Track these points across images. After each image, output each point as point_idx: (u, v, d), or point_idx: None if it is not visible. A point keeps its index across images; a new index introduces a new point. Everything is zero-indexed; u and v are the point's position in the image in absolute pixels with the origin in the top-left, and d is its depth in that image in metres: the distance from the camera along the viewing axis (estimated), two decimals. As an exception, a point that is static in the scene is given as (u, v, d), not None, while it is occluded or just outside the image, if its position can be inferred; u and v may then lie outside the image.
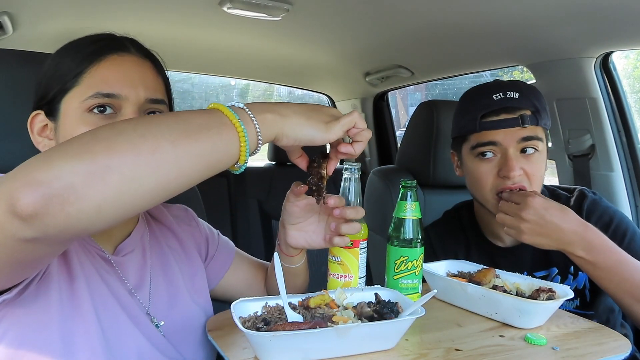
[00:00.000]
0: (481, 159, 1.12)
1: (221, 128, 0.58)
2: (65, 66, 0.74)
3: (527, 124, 1.07)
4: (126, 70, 0.75)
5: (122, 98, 0.74)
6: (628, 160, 1.58)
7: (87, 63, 0.74)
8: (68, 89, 0.73)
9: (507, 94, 1.10)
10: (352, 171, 0.87)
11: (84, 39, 0.78)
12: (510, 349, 0.74)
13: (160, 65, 0.83)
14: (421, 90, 5.54)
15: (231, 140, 0.58)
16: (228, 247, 1.03)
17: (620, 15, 1.23)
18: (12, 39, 1.76)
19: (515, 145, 1.08)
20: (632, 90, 1.96)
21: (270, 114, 0.63)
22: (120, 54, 0.76)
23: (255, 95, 5.86)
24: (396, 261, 0.90)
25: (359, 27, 1.74)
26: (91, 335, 0.69)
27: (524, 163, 1.08)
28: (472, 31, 1.53)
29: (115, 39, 0.79)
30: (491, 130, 1.09)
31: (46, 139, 0.76)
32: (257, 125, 0.61)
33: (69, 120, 0.73)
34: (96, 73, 0.73)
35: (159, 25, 1.83)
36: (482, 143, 1.11)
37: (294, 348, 0.66)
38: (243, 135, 0.58)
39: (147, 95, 0.76)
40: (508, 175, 1.06)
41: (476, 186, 1.14)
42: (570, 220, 0.98)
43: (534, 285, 0.91)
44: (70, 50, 0.76)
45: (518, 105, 1.09)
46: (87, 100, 0.72)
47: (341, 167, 0.87)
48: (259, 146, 0.62)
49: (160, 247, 0.88)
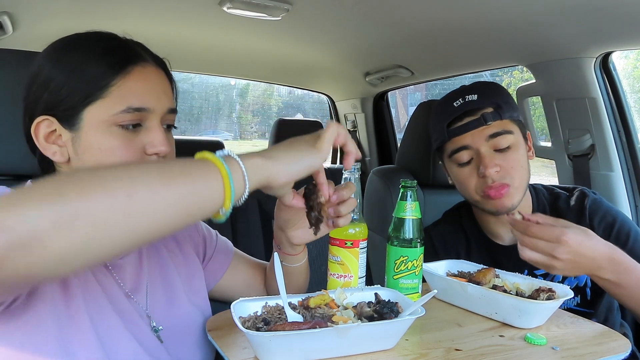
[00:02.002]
0: (460, 164, 1.15)
1: (204, 172, 0.55)
2: (86, 75, 0.71)
3: (489, 122, 1.10)
4: (151, 83, 0.75)
5: (149, 111, 0.74)
6: (628, 160, 1.58)
7: (112, 75, 0.72)
8: (93, 100, 0.71)
9: (466, 98, 1.14)
10: (352, 171, 0.87)
11: (89, 39, 0.76)
12: (510, 349, 0.75)
13: (169, 72, 0.83)
14: (421, 90, 5.55)
15: (214, 184, 0.55)
16: (226, 248, 1.03)
17: (620, 15, 1.23)
18: (12, 39, 1.76)
19: (485, 144, 1.11)
20: (632, 90, 1.96)
21: (259, 158, 0.61)
22: (142, 64, 0.75)
23: (255, 95, 5.87)
24: (396, 261, 0.90)
25: (359, 27, 1.74)
26: (88, 342, 0.68)
27: (499, 159, 1.10)
28: (472, 31, 1.53)
29: (130, 47, 0.77)
30: (459, 136, 1.13)
31: (55, 146, 0.74)
32: (244, 169, 0.58)
33: (94, 132, 0.72)
34: (124, 86, 0.72)
35: (159, 25, 1.83)
36: (455, 150, 1.15)
37: (294, 348, 0.66)
38: (227, 178, 0.55)
39: (168, 105, 0.77)
40: (485, 174, 1.09)
41: (462, 190, 1.18)
42: (599, 247, 0.93)
43: (534, 285, 0.91)
44: (80, 54, 0.73)
45: (478, 106, 1.12)
46: (118, 114, 0.71)
47: (341, 167, 0.87)
48: (246, 192, 0.59)
49: (157, 249, 0.88)
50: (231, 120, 9.45)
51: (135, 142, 0.73)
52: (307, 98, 2.87)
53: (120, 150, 0.72)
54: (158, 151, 0.75)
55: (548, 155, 1.75)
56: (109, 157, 0.72)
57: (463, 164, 1.15)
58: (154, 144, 0.75)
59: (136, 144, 0.74)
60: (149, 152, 0.75)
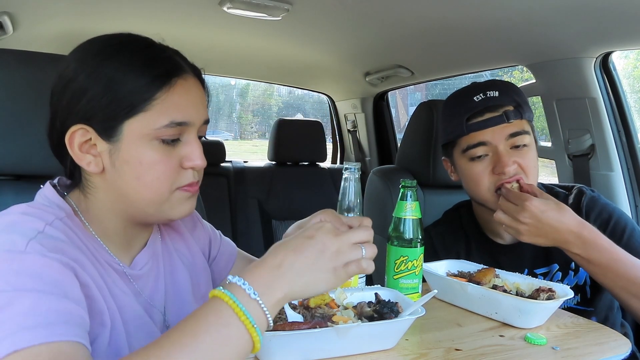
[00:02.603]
0: (474, 160, 1.13)
1: (227, 329, 0.56)
2: (127, 87, 0.69)
3: (511, 119, 1.10)
4: (192, 95, 0.74)
5: (190, 124, 0.73)
6: (628, 160, 1.58)
7: (156, 88, 0.69)
8: (135, 114, 0.69)
9: (488, 94, 1.12)
10: (352, 171, 0.86)
11: (127, 46, 0.72)
12: (510, 349, 0.75)
13: (204, 81, 0.80)
14: (421, 90, 5.55)
15: (242, 341, 0.57)
16: (230, 248, 1.03)
17: (620, 15, 1.23)
18: (12, 39, 1.76)
19: (504, 142, 1.10)
20: (632, 90, 1.96)
21: (279, 291, 0.59)
22: (184, 77, 0.73)
23: (255, 95, 5.87)
24: (396, 261, 0.90)
25: (359, 27, 1.74)
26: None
27: (517, 157, 1.10)
28: (472, 31, 1.53)
29: (171, 58, 0.74)
30: (478, 131, 1.11)
31: (90, 156, 0.71)
32: (268, 315, 0.58)
33: (135, 145, 0.70)
34: (168, 99, 0.70)
35: (159, 25, 1.83)
36: (472, 145, 1.12)
37: (294, 348, 0.66)
38: (257, 335, 0.57)
39: (205, 117, 0.76)
40: (503, 171, 1.08)
41: (473, 187, 1.16)
42: (567, 220, 0.99)
43: (534, 285, 0.91)
44: (119, 63, 0.70)
45: (500, 103, 1.11)
46: (160, 129, 0.70)
47: (341, 167, 0.87)
48: (271, 324, 0.59)
49: (170, 254, 0.88)
50: (231, 120, 9.46)
51: (173, 155, 0.72)
52: (307, 98, 2.88)
53: (159, 164, 0.71)
54: (194, 165, 0.74)
55: (548, 155, 1.75)
56: (148, 171, 0.70)
57: (476, 160, 1.13)
58: (192, 157, 0.73)
59: (174, 158, 0.72)
60: (185, 166, 0.73)
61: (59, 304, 0.57)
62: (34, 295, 0.56)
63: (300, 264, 0.61)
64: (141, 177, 0.70)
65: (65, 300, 0.58)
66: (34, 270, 0.57)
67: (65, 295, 0.59)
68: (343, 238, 0.64)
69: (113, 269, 0.74)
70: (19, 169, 0.95)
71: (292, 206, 2.60)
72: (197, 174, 0.76)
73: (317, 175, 2.74)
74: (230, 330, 0.56)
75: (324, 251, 0.62)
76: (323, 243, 0.63)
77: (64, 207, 0.71)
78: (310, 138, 2.70)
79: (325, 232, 0.64)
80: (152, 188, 0.71)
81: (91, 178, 0.74)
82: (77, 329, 0.58)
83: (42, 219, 0.65)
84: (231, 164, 2.68)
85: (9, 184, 0.98)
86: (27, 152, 0.90)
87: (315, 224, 0.66)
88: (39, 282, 0.57)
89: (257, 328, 0.57)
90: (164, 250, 0.86)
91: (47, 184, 0.75)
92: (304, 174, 2.72)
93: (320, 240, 0.63)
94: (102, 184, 0.73)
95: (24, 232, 0.61)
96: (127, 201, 0.73)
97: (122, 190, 0.72)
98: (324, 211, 0.77)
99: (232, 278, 0.59)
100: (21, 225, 0.62)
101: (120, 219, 0.75)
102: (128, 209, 0.74)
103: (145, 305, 0.77)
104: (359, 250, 0.65)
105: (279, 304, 0.60)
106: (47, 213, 0.67)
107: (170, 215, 0.75)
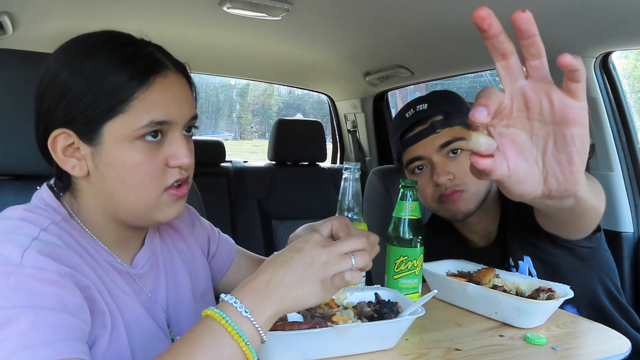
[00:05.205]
0: (415, 173, 1.17)
1: (221, 348, 0.57)
2: (105, 87, 0.67)
3: (438, 129, 1.12)
4: (173, 93, 0.72)
5: (172, 123, 0.71)
6: (628, 160, 1.58)
7: (134, 87, 0.68)
8: (114, 115, 0.68)
9: (417, 108, 1.16)
10: (352, 171, 0.87)
11: (106, 43, 0.70)
12: (510, 349, 0.75)
13: (190, 76, 0.79)
14: (421, 90, 5.54)
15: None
16: (229, 245, 1.03)
17: (620, 15, 1.23)
18: (12, 39, 1.76)
19: (437, 153, 1.13)
20: (632, 90, 1.96)
21: (270, 307, 0.60)
22: (164, 74, 0.71)
23: (255, 95, 5.87)
24: (396, 261, 0.90)
25: (359, 27, 1.74)
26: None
27: (452, 167, 1.11)
28: (472, 31, 1.52)
29: (151, 54, 0.72)
30: (412, 146, 1.16)
31: (74, 159, 0.70)
32: (260, 331, 0.59)
33: (116, 148, 0.69)
34: (145, 99, 0.68)
35: (159, 25, 1.83)
36: (409, 160, 1.17)
37: (294, 348, 0.66)
38: (250, 352, 0.58)
39: (190, 114, 0.75)
40: (437, 182, 1.11)
41: (421, 198, 1.18)
42: None
43: (534, 285, 0.91)
44: (97, 62, 0.68)
45: (428, 115, 1.15)
46: (140, 129, 0.68)
47: (341, 167, 0.87)
48: (264, 338, 0.60)
49: (170, 252, 0.88)
50: (231, 120, 9.45)
51: (157, 155, 0.71)
52: (307, 98, 2.87)
53: (142, 165, 0.70)
54: (181, 164, 0.73)
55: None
56: (131, 173, 0.69)
57: (418, 173, 1.17)
58: (178, 156, 0.72)
59: (159, 157, 0.71)
60: (171, 165, 0.72)
61: (59, 319, 0.57)
62: (33, 312, 0.55)
63: (289, 278, 0.61)
64: (125, 179, 0.69)
65: (65, 314, 0.58)
66: (32, 285, 0.57)
67: (64, 308, 0.59)
68: (332, 249, 0.63)
69: (115, 269, 0.74)
70: (19, 169, 0.95)
71: (292, 206, 2.60)
72: (186, 171, 0.75)
73: (317, 175, 2.74)
74: (225, 349, 0.57)
75: (312, 264, 0.62)
76: (311, 255, 0.62)
77: (60, 210, 0.71)
78: (310, 138, 2.70)
79: (314, 244, 0.64)
80: (137, 190, 0.70)
81: (78, 181, 0.73)
82: (77, 345, 0.58)
83: (37, 225, 0.64)
84: (231, 164, 2.68)
85: (9, 184, 0.98)
86: (27, 152, 0.90)
87: (306, 235, 0.66)
88: (38, 298, 0.57)
89: (250, 345, 0.58)
90: (163, 248, 0.86)
91: (44, 185, 0.75)
92: (304, 174, 2.72)
93: (309, 253, 0.63)
94: (89, 188, 0.72)
95: (19, 242, 0.60)
96: (114, 204, 0.72)
97: (108, 193, 0.71)
98: (337, 217, 0.77)
99: (225, 297, 0.60)
100: (15, 232, 0.62)
101: (111, 221, 0.74)
102: (116, 211, 0.73)
103: (147, 305, 0.77)
104: (348, 261, 0.63)
105: (271, 320, 0.60)
106: (42, 217, 0.66)
107: (157, 218, 0.74)
